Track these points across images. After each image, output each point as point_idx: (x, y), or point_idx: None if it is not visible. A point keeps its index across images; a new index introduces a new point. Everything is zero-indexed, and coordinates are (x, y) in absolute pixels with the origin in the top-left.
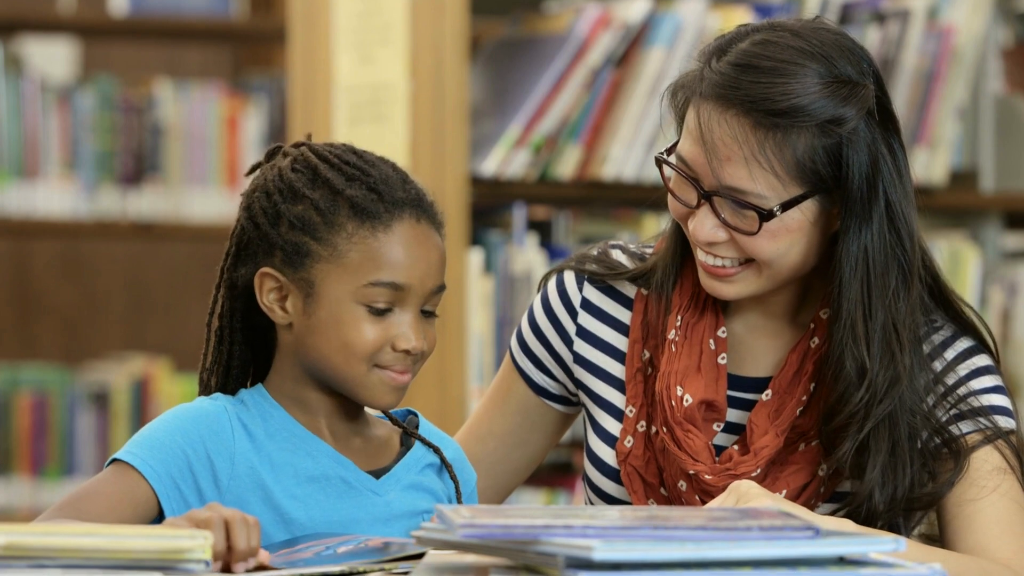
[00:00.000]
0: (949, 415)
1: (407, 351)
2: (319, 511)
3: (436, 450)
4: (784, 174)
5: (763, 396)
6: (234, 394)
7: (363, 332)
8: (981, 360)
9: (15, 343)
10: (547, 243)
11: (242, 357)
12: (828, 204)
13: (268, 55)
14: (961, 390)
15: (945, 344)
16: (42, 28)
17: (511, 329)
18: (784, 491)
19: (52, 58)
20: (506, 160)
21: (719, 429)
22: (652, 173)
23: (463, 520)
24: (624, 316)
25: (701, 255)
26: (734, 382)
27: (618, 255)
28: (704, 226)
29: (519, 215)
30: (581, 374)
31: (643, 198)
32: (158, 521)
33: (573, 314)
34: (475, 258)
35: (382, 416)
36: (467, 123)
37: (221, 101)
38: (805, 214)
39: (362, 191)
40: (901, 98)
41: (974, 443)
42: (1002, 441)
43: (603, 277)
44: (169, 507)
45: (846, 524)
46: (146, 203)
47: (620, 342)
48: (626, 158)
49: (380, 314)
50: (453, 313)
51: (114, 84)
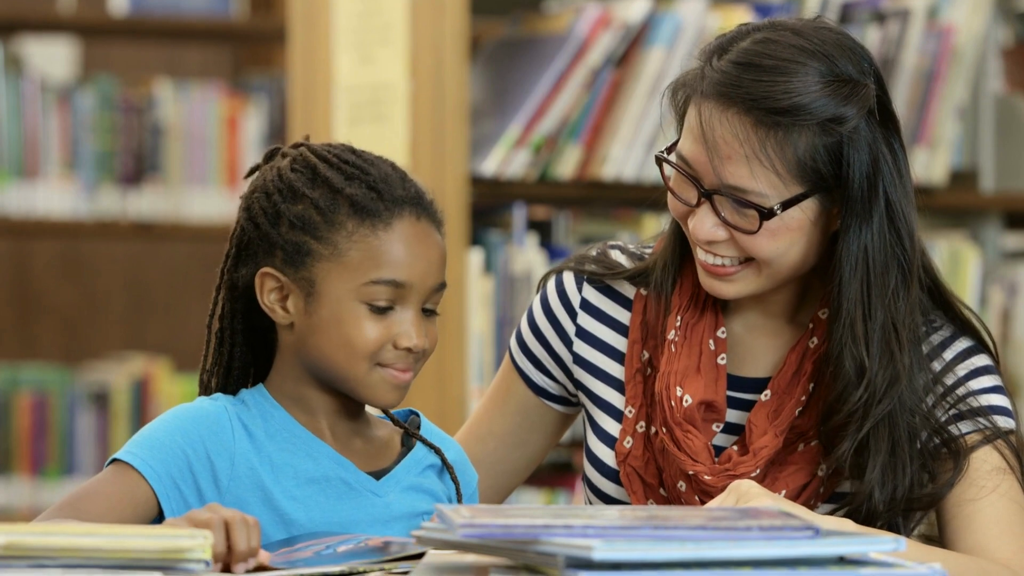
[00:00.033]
0: (948, 415)
1: (409, 349)
2: (319, 512)
3: (437, 451)
4: (785, 173)
5: (762, 396)
6: (235, 395)
7: (364, 330)
8: (980, 360)
9: (15, 343)
10: (547, 243)
11: (243, 358)
12: (828, 203)
13: (268, 55)
14: (960, 390)
15: (944, 344)
16: (42, 28)
17: (511, 329)
18: (783, 491)
19: (52, 58)
20: (506, 160)
21: (718, 430)
22: (652, 173)
23: (463, 520)
24: (623, 317)
25: (701, 254)
26: (733, 383)
27: (617, 255)
28: (704, 225)
29: (519, 215)
30: (580, 375)
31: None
32: (158, 521)
33: (572, 315)
34: (475, 258)
35: (383, 416)
36: (467, 123)
37: (221, 101)
38: (806, 213)
39: (362, 189)
40: (901, 98)
41: (973, 443)
42: (1001, 441)
43: (602, 277)
44: (169, 507)
45: (846, 524)
46: (146, 203)
47: (619, 343)
48: (626, 158)
49: (381, 312)
50: (453, 313)
51: (114, 84)
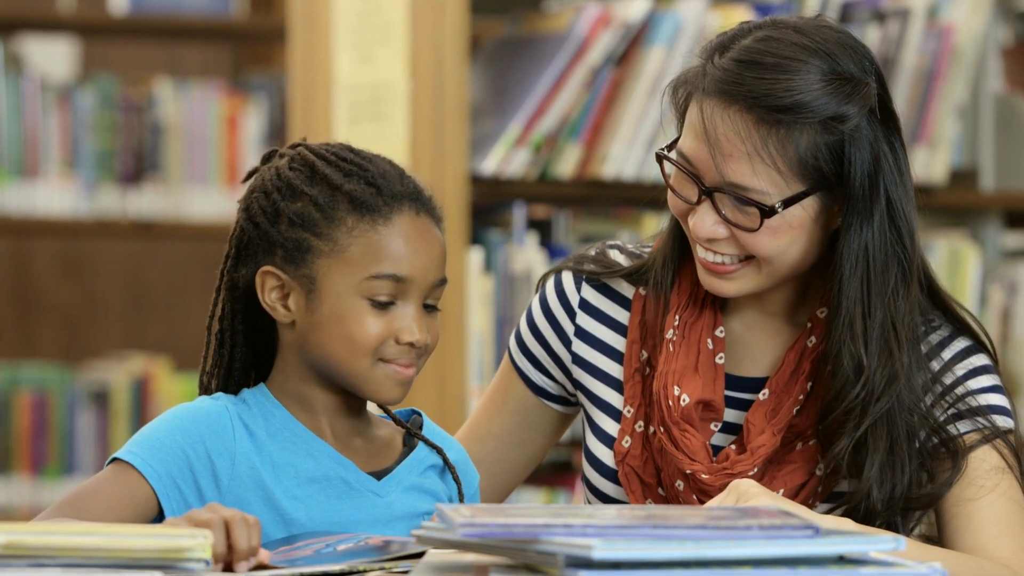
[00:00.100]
0: (947, 415)
1: (411, 344)
2: (319, 512)
3: (439, 451)
4: (787, 170)
5: (760, 396)
6: (236, 395)
7: (366, 326)
8: (979, 360)
9: (15, 342)
10: (547, 242)
11: (243, 359)
12: (829, 201)
13: (268, 54)
14: (959, 390)
15: (943, 344)
16: (42, 27)
17: (511, 328)
18: (781, 490)
19: (52, 57)
20: (506, 159)
21: (717, 429)
22: (652, 172)
23: (463, 519)
24: (622, 316)
25: (701, 252)
26: (732, 382)
27: (616, 255)
28: (705, 222)
29: (519, 214)
30: (579, 374)
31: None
32: (158, 521)
33: (571, 315)
34: (475, 257)
35: (385, 416)
36: (467, 122)
37: (221, 100)
38: (807, 211)
39: (360, 185)
40: (901, 97)
41: (972, 443)
42: (1000, 440)
43: (600, 276)
44: (169, 507)
45: (846, 523)
46: (146, 202)
47: (618, 342)
48: (626, 157)
49: (383, 307)
50: (453, 312)
51: (114, 83)
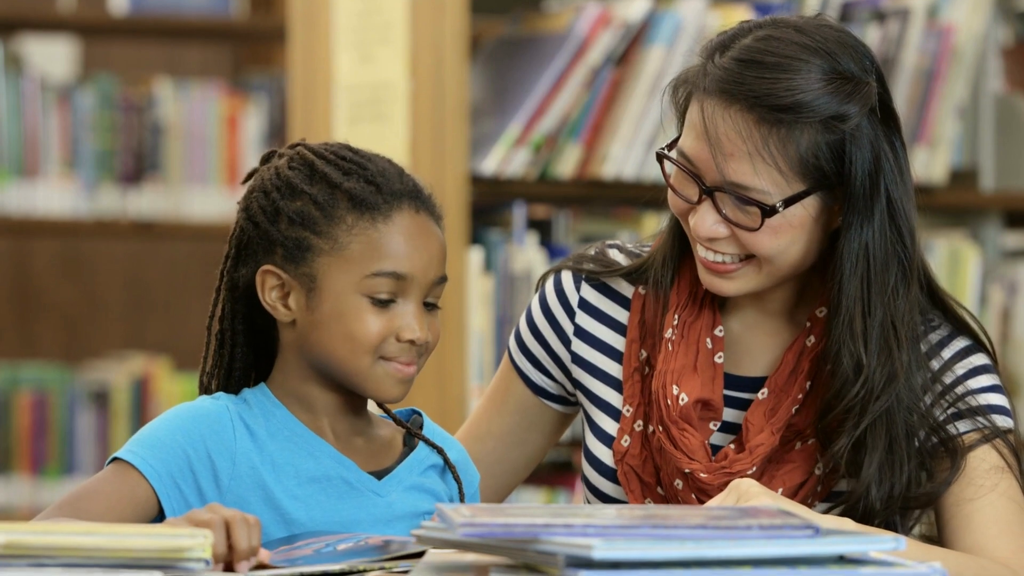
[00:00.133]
0: (947, 414)
1: (412, 342)
2: (320, 511)
3: (440, 451)
4: (788, 170)
5: (759, 395)
6: (236, 394)
7: (367, 324)
8: (979, 359)
9: (15, 342)
10: (547, 242)
11: (244, 359)
12: (830, 200)
13: (268, 54)
14: (959, 389)
15: (942, 343)
16: (42, 27)
17: (511, 328)
18: (780, 489)
19: (52, 57)
20: (506, 159)
21: (716, 428)
22: (652, 172)
23: (463, 519)
24: (621, 316)
25: (701, 251)
26: (731, 382)
27: (615, 255)
28: (705, 222)
29: (519, 214)
30: (579, 374)
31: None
32: (159, 520)
33: (571, 314)
34: (475, 257)
35: (386, 416)
36: (467, 122)
37: (221, 100)
38: (807, 210)
39: (360, 184)
40: (901, 97)
41: (972, 442)
42: (1000, 440)
43: (599, 275)
44: (169, 506)
45: (846, 523)
46: (146, 202)
47: (618, 342)
48: (626, 157)
49: (383, 305)
50: (453, 312)
51: (114, 83)
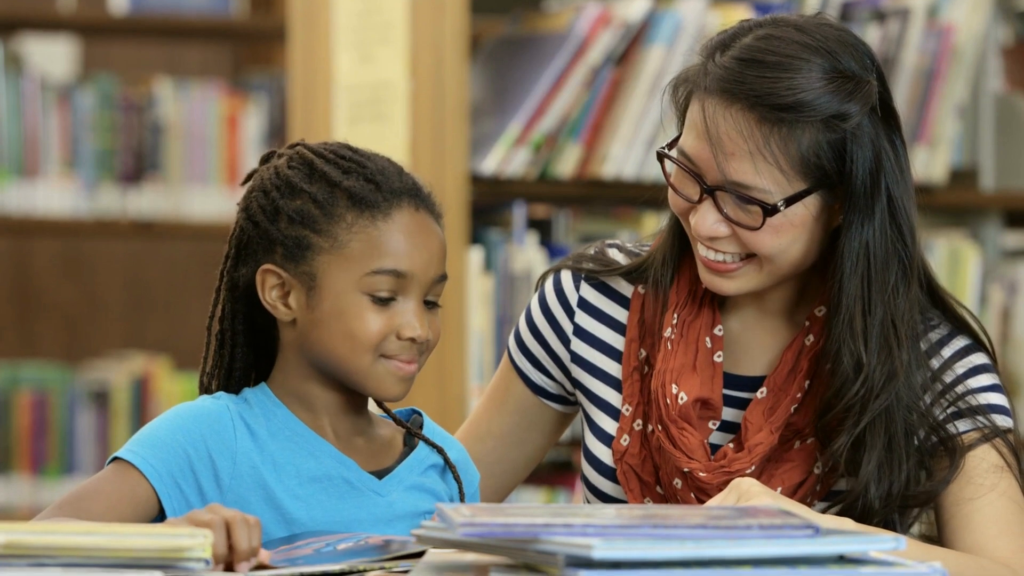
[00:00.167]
0: (947, 413)
1: (412, 339)
2: (321, 511)
3: (440, 451)
4: (789, 169)
5: (758, 394)
6: (237, 394)
7: (367, 322)
8: (978, 358)
9: (15, 341)
10: (547, 242)
11: (244, 359)
12: (830, 199)
13: (268, 54)
14: (959, 388)
15: (942, 342)
16: (42, 27)
17: (511, 327)
18: (779, 488)
19: (52, 57)
20: (506, 159)
21: (715, 427)
22: (652, 172)
23: (463, 519)
24: (621, 315)
25: (702, 250)
26: (730, 381)
27: (615, 254)
28: (706, 221)
29: (519, 213)
30: (578, 373)
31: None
32: (159, 520)
33: (570, 313)
34: (475, 256)
35: (386, 416)
36: (467, 122)
37: (221, 100)
38: (808, 209)
39: (359, 182)
40: (901, 96)
41: (971, 441)
42: (1000, 440)
43: (599, 274)
44: (170, 506)
45: (846, 523)
46: (146, 202)
47: (617, 341)
48: (626, 156)
49: (384, 303)
50: (453, 311)
51: (114, 83)
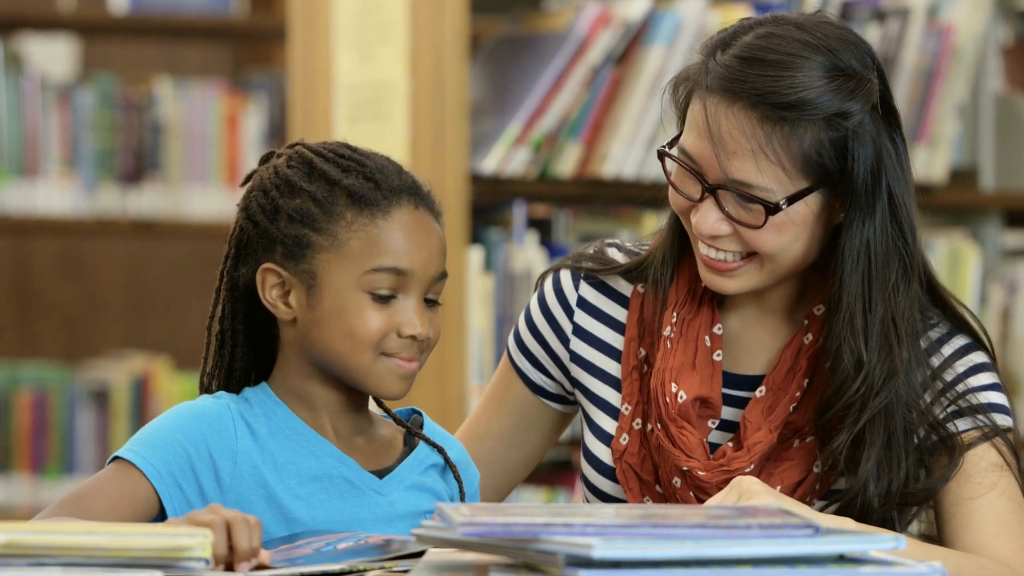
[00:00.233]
0: (947, 412)
1: (413, 337)
2: (322, 510)
3: (440, 450)
4: (791, 167)
5: (757, 393)
6: (238, 393)
7: (368, 319)
8: (978, 357)
9: (15, 341)
10: (547, 241)
11: (244, 359)
12: (831, 197)
13: (268, 53)
14: (959, 387)
15: (942, 340)
16: (42, 26)
17: (511, 327)
18: (778, 487)
19: (52, 56)
20: (506, 158)
21: (714, 426)
22: (652, 171)
23: (463, 518)
24: (620, 314)
25: (703, 248)
26: (729, 380)
27: (614, 253)
28: (707, 219)
29: (519, 213)
30: (578, 373)
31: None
32: (160, 520)
33: (569, 313)
34: (475, 256)
35: (386, 416)
36: (467, 121)
37: (221, 99)
38: (810, 207)
39: (359, 180)
40: (901, 96)
41: (971, 440)
42: (999, 439)
43: (599, 273)
44: (171, 506)
45: (847, 523)
46: (146, 201)
47: (616, 340)
48: (626, 156)
49: (384, 301)
50: (453, 311)
51: (114, 82)
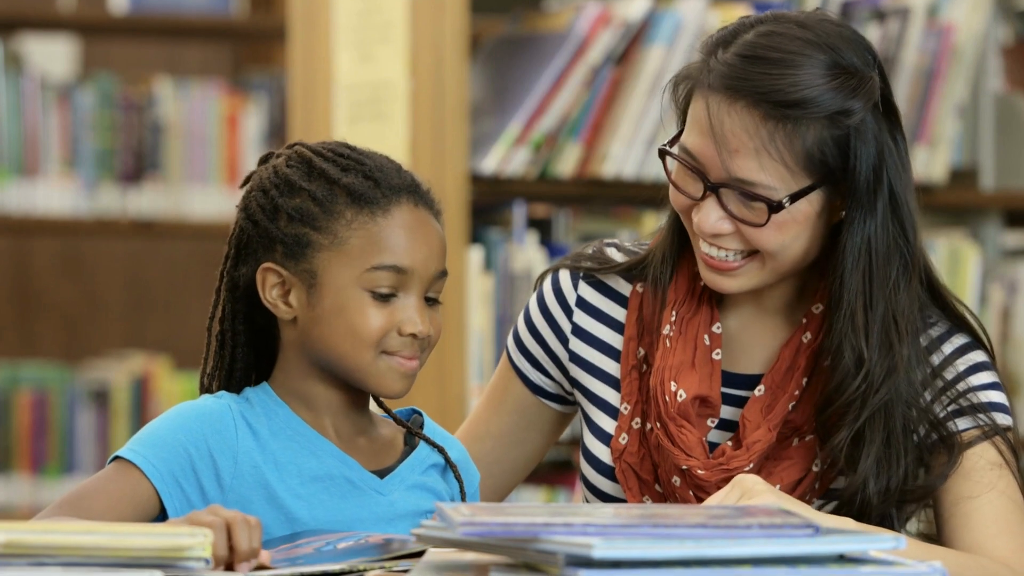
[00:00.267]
0: (947, 411)
1: (414, 335)
2: (323, 510)
3: (441, 450)
4: (794, 165)
5: (755, 391)
6: (238, 393)
7: (368, 318)
8: (978, 356)
9: (15, 341)
10: (547, 241)
11: (245, 360)
12: (833, 195)
13: (268, 53)
14: (960, 386)
15: (942, 338)
16: (42, 26)
17: (511, 327)
18: (777, 486)
19: (52, 56)
20: (506, 158)
21: (713, 425)
22: (652, 171)
23: (463, 518)
24: (619, 314)
25: (704, 247)
26: (728, 379)
27: (613, 253)
28: (709, 218)
29: (519, 213)
30: (577, 372)
31: (643, 196)
32: (160, 519)
33: (568, 312)
34: (475, 256)
35: (386, 416)
36: (467, 121)
37: (221, 99)
38: (812, 205)
39: (358, 179)
40: (901, 96)
41: (971, 439)
42: (999, 438)
43: (598, 271)
44: (171, 505)
45: (847, 522)
46: (146, 201)
47: (615, 340)
48: (626, 156)
49: (384, 299)
50: (453, 311)
51: (114, 82)
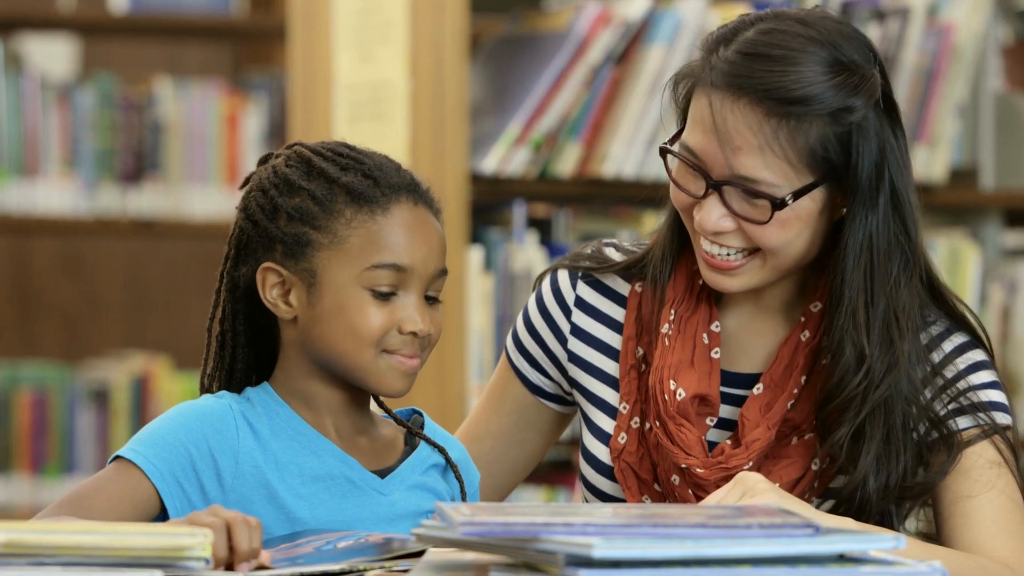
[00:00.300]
0: (948, 409)
1: (414, 334)
2: (324, 510)
3: (441, 450)
4: (797, 162)
5: (754, 390)
6: (239, 393)
7: (369, 316)
8: (978, 355)
9: (15, 341)
10: (547, 241)
11: (245, 360)
12: (835, 192)
13: (268, 53)
14: (960, 384)
15: (942, 336)
16: (42, 26)
17: (511, 327)
18: (776, 484)
19: (52, 56)
20: (506, 158)
21: (712, 424)
22: (652, 171)
23: (463, 518)
24: (618, 314)
25: (706, 245)
26: (727, 378)
27: (612, 253)
28: (711, 216)
29: (519, 213)
30: (576, 372)
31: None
32: (161, 519)
33: (567, 312)
34: (475, 256)
35: (387, 416)
36: (467, 121)
37: (221, 99)
38: (814, 202)
39: (358, 178)
40: (901, 96)
41: (970, 437)
42: (999, 437)
43: (597, 271)
44: (172, 505)
45: (847, 522)
46: (146, 201)
47: (614, 340)
48: (626, 156)
49: (384, 298)
50: (453, 310)
51: (114, 82)
